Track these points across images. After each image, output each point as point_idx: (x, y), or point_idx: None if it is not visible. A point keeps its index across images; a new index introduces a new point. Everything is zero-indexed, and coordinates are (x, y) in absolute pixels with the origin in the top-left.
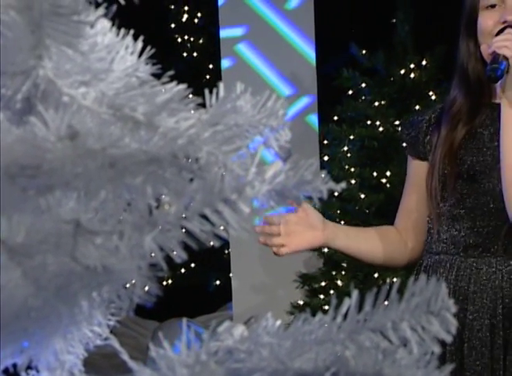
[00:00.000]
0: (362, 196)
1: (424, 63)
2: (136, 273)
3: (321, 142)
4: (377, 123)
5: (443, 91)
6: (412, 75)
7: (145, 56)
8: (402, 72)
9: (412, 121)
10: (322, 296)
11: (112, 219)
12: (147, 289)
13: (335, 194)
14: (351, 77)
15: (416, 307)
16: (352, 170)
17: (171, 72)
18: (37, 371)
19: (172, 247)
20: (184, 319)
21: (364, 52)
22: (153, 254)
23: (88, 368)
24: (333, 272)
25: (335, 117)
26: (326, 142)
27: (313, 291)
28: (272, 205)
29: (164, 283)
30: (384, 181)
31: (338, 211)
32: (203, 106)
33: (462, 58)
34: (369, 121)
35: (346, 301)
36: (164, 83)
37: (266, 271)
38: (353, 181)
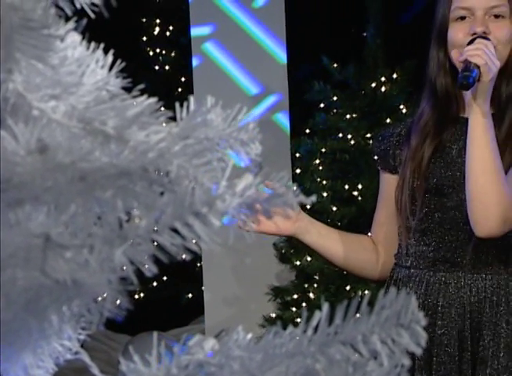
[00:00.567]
0: (334, 208)
1: (395, 76)
2: (106, 287)
3: (293, 154)
4: (349, 136)
5: (414, 104)
6: (383, 88)
7: (115, 70)
8: (373, 85)
9: (383, 134)
10: (294, 309)
11: (82, 233)
12: (118, 303)
13: (307, 207)
14: (323, 91)
15: (387, 320)
16: (324, 183)
17: (142, 86)
18: None
19: (143, 261)
20: (155, 333)
21: (335, 65)
22: (124, 268)
23: None
24: (306, 285)
25: (307, 130)
26: (298, 155)
27: (285, 303)
28: (243, 219)
29: (135, 297)
30: (356, 194)
31: None
32: (175, 119)
33: (431, 70)
34: (340, 134)
35: (317, 314)
36: (134, 96)
37: (238, 284)
38: (325, 194)
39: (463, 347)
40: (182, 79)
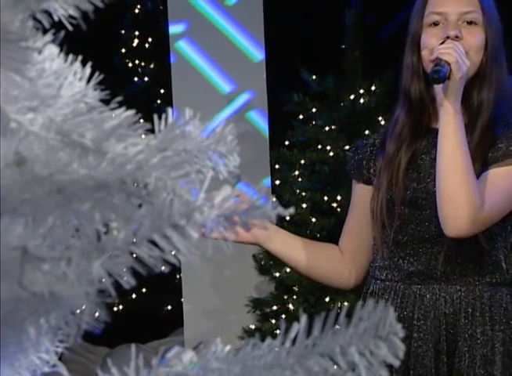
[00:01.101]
0: (314, 220)
1: (373, 88)
2: (84, 300)
3: (272, 166)
4: (328, 148)
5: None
6: (361, 100)
7: (93, 82)
8: (352, 97)
9: (357, 145)
10: (273, 320)
11: (60, 245)
12: (96, 315)
13: (286, 218)
14: (302, 102)
15: (365, 332)
16: (303, 194)
17: (120, 98)
18: None
19: (121, 273)
20: (133, 346)
21: (314, 77)
22: (102, 280)
23: None
24: (285, 297)
25: (286, 142)
26: (277, 166)
27: (265, 315)
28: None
29: (114, 309)
30: (335, 205)
31: None
32: (154, 131)
33: (405, 77)
34: (319, 146)
35: (295, 326)
36: (112, 109)
37: (218, 296)
38: (304, 205)
39: (439, 359)
40: (162, 91)
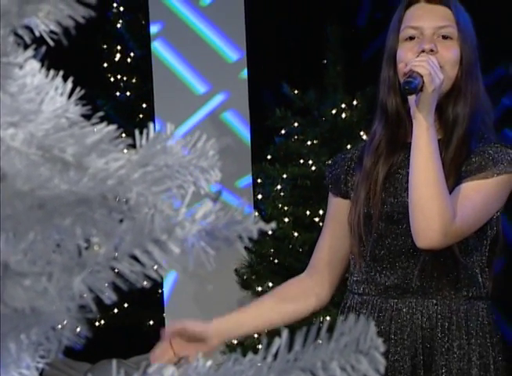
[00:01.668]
0: (296, 234)
1: (355, 103)
2: (66, 315)
3: (254, 180)
4: (310, 162)
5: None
6: (343, 115)
7: (75, 97)
8: (334, 112)
9: (335, 159)
10: (256, 335)
11: (41, 261)
12: (78, 330)
13: (268, 233)
14: (284, 117)
15: (346, 346)
16: (286, 209)
17: (101, 113)
18: None
19: (102, 289)
20: (114, 361)
21: (296, 92)
22: (83, 296)
23: None
24: None
25: (268, 156)
26: (259, 180)
27: None
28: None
29: (96, 324)
30: (317, 219)
31: (272, 250)
32: (135, 146)
33: (382, 91)
34: (301, 160)
35: (276, 341)
36: (94, 124)
37: (200, 311)
38: (286, 219)
39: (416, 373)
40: (144, 105)
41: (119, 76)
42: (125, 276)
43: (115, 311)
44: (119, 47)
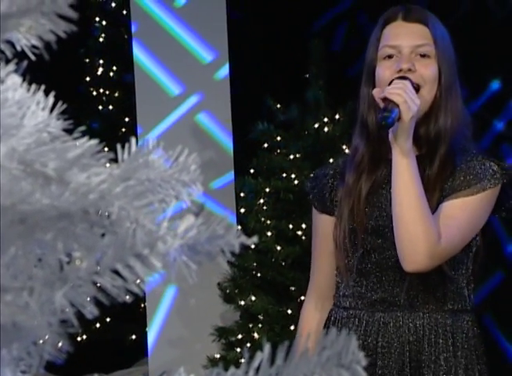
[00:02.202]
0: (279, 248)
1: (338, 117)
2: (47, 330)
3: (237, 194)
4: (293, 176)
5: None
6: (326, 129)
7: (57, 111)
8: (316, 126)
9: (316, 174)
10: (238, 349)
11: (22, 275)
12: (59, 345)
13: (251, 247)
14: (266, 131)
15: (328, 360)
16: (268, 222)
17: (83, 127)
18: None
19: (84, 303)
20: None
21: (279, 106)
22: (65, 310)
23: None
24: (250, 325)
25: (251, 170)
26: (242, 194)
27: (230, 344)
28: (184, 260)
29: (77, 339)
30: (300, 233)
31: (254, 264)
32: (117, 160)
33: (362, 108)
34: (284, 174)
35: (258, 355)
36: (76, 138)
37: (183, 325)
38: (269, 233)
39: None
40: (126, 119)
41: (101, 90)
42: (107, 290)
43: (97, 325)
44: (101, 61)
